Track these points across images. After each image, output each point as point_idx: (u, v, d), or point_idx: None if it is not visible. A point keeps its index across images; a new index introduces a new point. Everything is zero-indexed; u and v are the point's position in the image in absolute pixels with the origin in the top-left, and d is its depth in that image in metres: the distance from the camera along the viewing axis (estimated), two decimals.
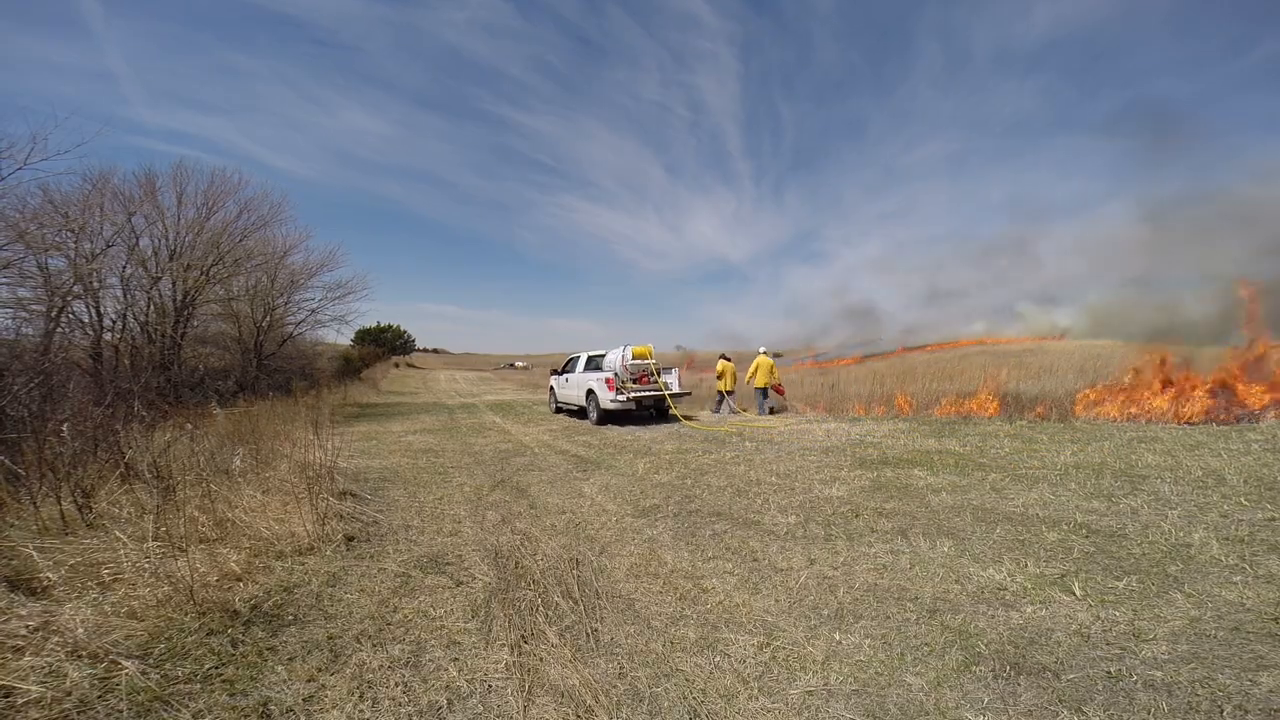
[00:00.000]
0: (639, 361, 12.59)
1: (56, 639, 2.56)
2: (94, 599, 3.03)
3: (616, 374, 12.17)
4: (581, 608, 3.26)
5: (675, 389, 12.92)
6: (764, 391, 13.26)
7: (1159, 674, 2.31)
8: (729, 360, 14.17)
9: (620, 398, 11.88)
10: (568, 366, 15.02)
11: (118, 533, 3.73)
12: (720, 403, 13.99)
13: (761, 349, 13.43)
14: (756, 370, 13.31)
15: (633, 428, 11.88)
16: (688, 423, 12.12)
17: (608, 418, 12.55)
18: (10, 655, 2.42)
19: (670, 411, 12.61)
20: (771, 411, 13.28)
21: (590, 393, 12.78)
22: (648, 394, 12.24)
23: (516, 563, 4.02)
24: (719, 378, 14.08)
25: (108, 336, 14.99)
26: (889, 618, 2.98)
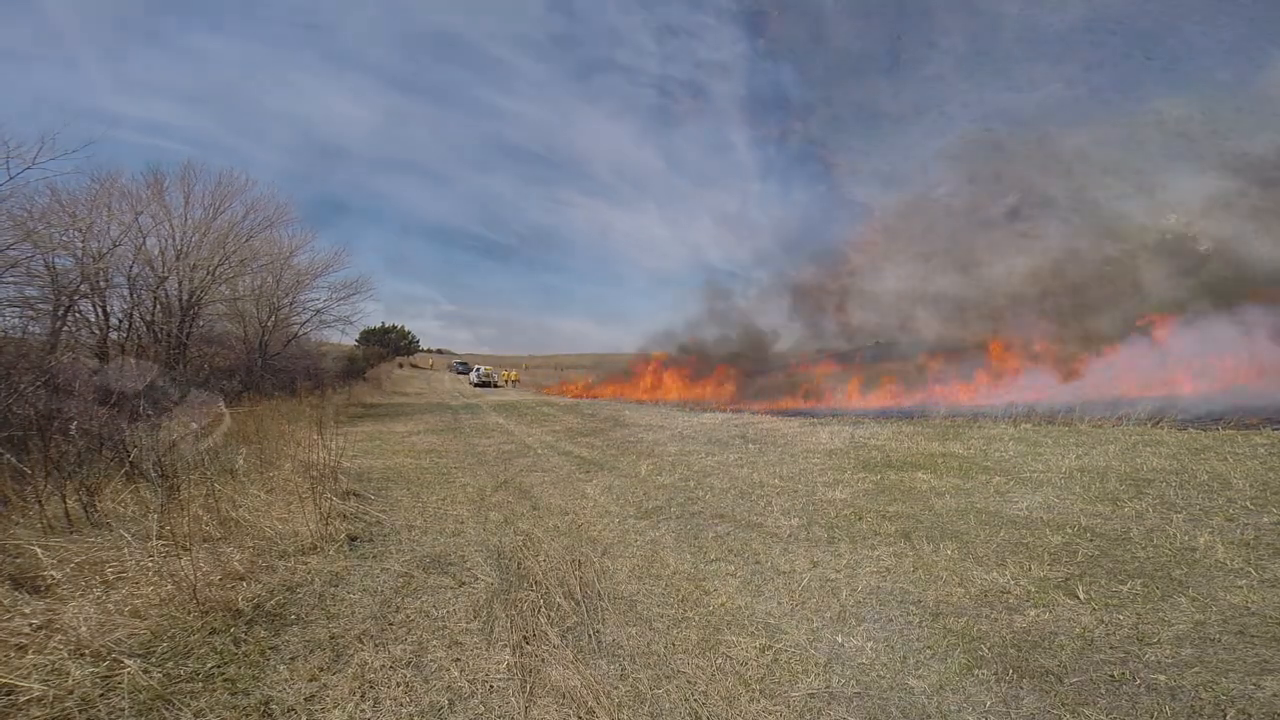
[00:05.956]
0: (486, 369, 44.39)
1: (59, 637, 2.57)
2: (97, 597, 3.04)
3: (477, 372, 42.88)
4: (584, 609, 3.26)
5: (496, 379, 41.49)
6: (513, 382, 42.45)
7: (1163, 678, 2.30)
8: (509, 371, 47.27)
9: (475, 381, 40.54)
10: (471, 368, 48.81)
11: (122, 531, 3.75)
12: (506, 382, 41.46)
13: (515, 369, 50.16)
14: (511, 373, 45.86)
15: (636, 429, 12.54)
16: (497, 388, 38.51)
17: (476, 387, 38.15)
18: (13, 653, 2.43)
19: (496, 385, 39.68)
20: (512, 387, 40.41)
21: (470, 378, 42.76)
22: (487, 379, 40.60)
23: (519, 564, 4.02)
24: (504, 375, 43.94)
25: (114, 335, 15.08)
26: (892, 620, 2.97)
